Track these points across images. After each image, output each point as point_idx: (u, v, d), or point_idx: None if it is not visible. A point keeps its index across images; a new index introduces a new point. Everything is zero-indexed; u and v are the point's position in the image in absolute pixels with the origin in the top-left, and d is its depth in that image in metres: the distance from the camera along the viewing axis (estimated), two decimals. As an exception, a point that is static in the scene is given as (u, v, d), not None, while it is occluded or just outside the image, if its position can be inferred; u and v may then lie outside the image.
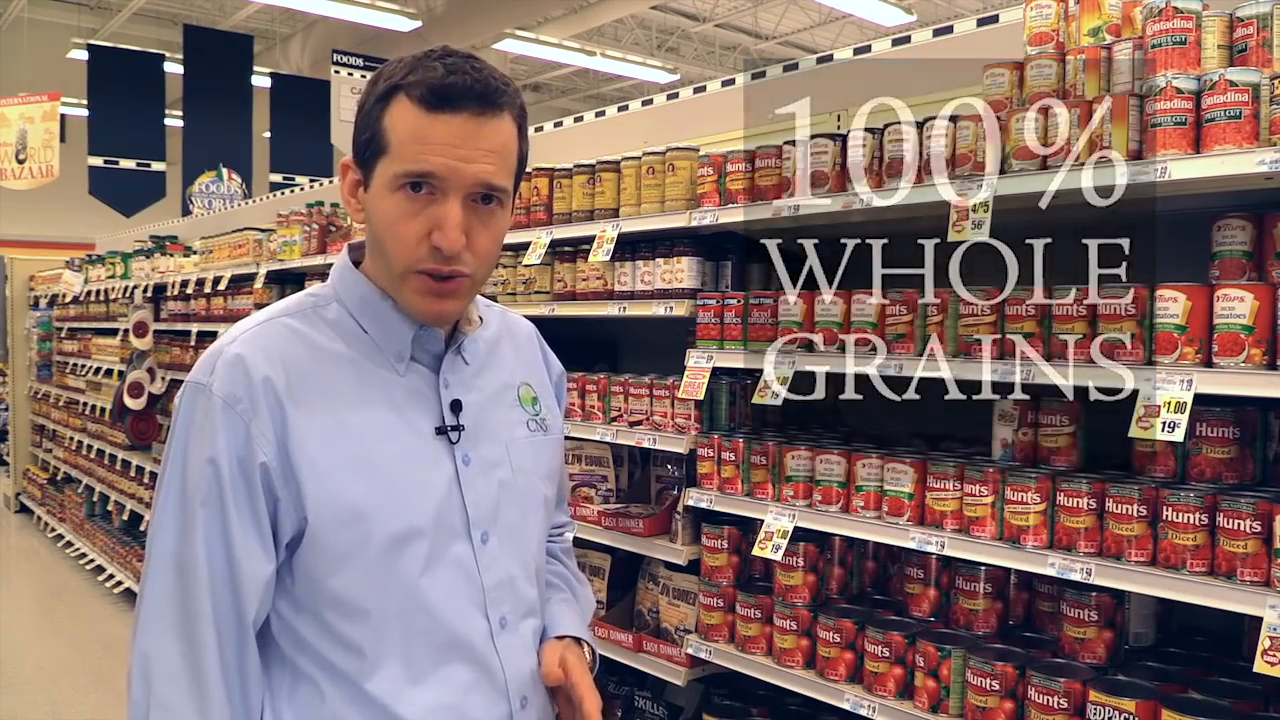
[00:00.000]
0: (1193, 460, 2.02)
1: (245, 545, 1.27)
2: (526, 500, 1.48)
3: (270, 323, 1.37)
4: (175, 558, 1.27)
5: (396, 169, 1.29)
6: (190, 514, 1.27)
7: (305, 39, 15.24)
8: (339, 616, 1.31)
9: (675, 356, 2.90)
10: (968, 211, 2.14)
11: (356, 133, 1.36)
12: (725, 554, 2.76)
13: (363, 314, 1.39)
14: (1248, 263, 1.99)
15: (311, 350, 1.34)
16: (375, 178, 1.32)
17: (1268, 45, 1.91)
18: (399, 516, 1.32)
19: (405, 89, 1.29)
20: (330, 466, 1.29)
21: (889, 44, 2.91)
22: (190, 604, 1.26)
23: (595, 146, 3.59)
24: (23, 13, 15.15)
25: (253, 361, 1.30)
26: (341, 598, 1.30)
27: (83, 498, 8.73)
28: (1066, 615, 2.17)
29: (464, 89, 1.27)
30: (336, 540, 1.29)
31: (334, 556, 1.29)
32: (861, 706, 2.34)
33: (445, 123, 1.27)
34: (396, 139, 1.29)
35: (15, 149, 11.96)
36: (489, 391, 1.47)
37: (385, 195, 1.31)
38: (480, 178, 1.29)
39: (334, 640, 1.31)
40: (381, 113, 1.31)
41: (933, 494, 2.28)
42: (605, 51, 15.93)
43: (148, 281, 7.12)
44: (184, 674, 1.26)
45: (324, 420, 1.31)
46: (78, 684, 5.57)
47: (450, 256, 1.29)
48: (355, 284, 1.40)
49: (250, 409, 1.28)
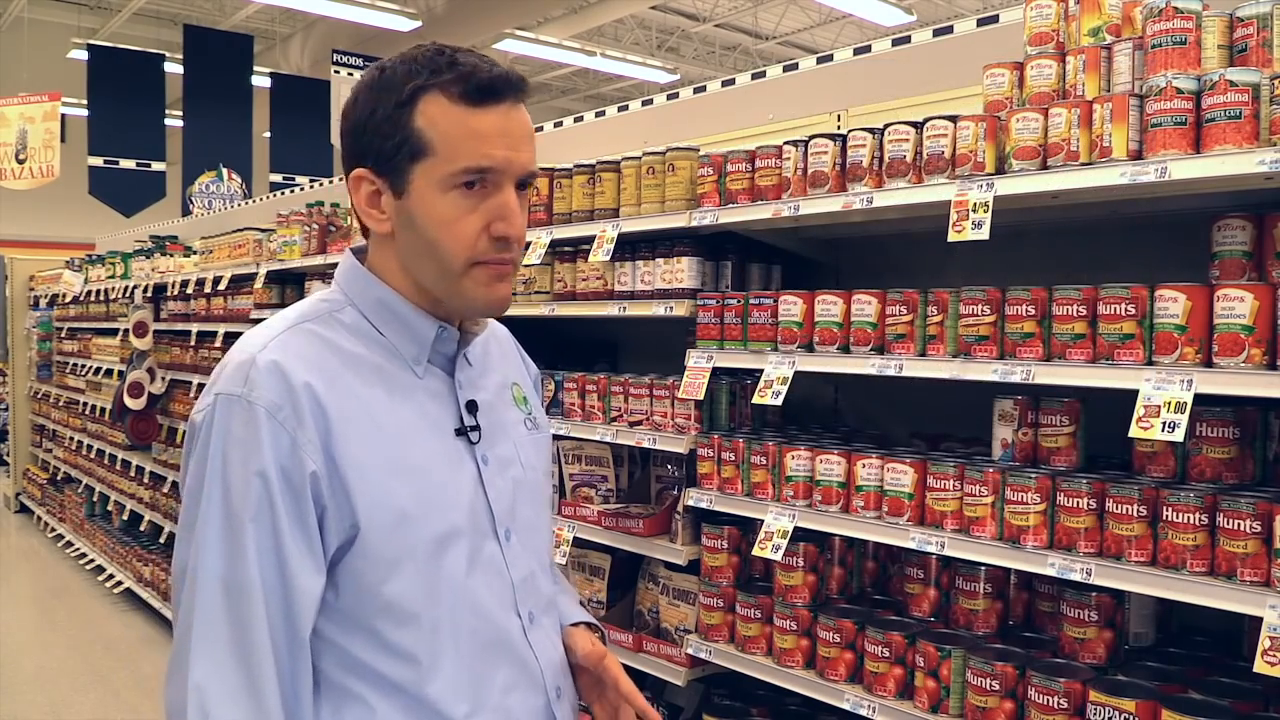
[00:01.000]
0: (1193, 460, 2.02)
1: (299, 560, 1.22)
2: (538, 497, 1.51)
3: (296, 329, 1.33)
4: (224, 580, 1.20)
5: (452, 168, 1.27)
6: (239, 532, 1.21)
7: (305, 39, 15.25)
8: (391, 625, 1.27)
9: (675, 356, 2.91)
10: (968, 211, 2.14)
11: (369, 140, 1.31)
12: (725, 554, 2.76)
13: (379, 317, 1.37)
14: (1248, 263, 1.99)
15: (339, 355, 1.32)
16: (415, 181, 1.29)
17: (1268, 45, 1.91)
18: (441, 517, 1.32)
19: (439, 88, 1.27)
20: (376, 470, 1.27)
21: (889, 44, 2.91)
22: (247, 629, 1.20)
23: (595, 146, 3.59)
24: (23, 13, 15.15)
25: (290, 368, 1.26)
26: (394, 604, 1.27)
27: (83, 498, 8.73)
28: (1066, 615, 2.17)
29: (503, 81, 1.29)
30: (388, 545, 1.27)
31: (386, 562, 1.26)
32: (861, 706, 2.34)
33: (493, 115, 1.28)
34: (443, 139, 1.27)
35: (15, 149, 11.95)
36: (492, 391, 1.49)
37: (436, 197, 1.29)
38: (528, 165, 1.33)
39: (386, 651, 1.27)
40: (409, 116, 1.28)
41: (933, 494, 2.28)
42: (605, 51, 15.94)
43: (148, 281, 7.12)
44: (246, 705, 1.19)
45: (364, 424, 1.28)
46: (78, 684, 5.57)
47: (515, 243, 1.33)
48: (370, 286, 1.38)
49: (294, 417, 1.23)
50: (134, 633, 6.53)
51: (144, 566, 6.94)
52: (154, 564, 6.79)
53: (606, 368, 3.54)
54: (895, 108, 2.66)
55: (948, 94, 2.57)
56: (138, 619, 6.80)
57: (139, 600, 7.00)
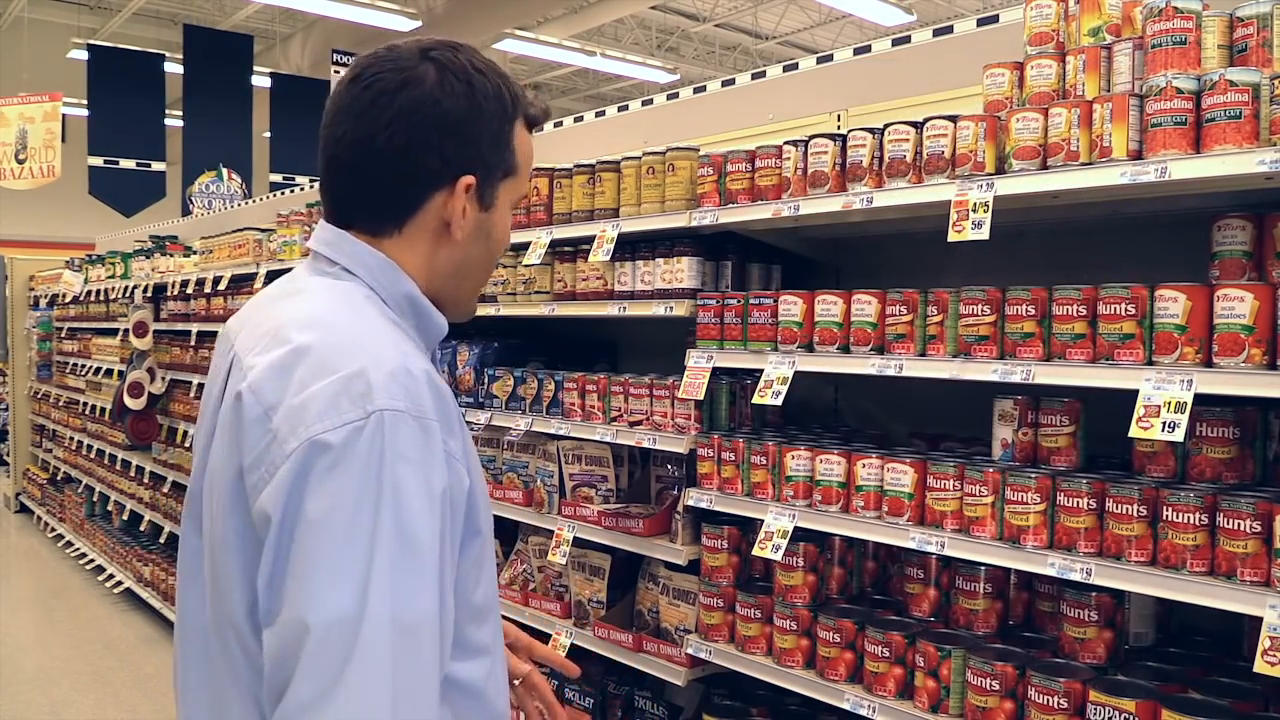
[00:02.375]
0: (1193, 460, 2.02)
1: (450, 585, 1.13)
2: None
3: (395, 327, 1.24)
4: (396, 618, 1.04)
5: (524, 189, 1.36)
6: (419, 562, 1.07)
7: (305, 39, 15.25)
8: (477, 625, 1.24)
9: (675, 356, 2.91)
10: (968, 211, 2.14)
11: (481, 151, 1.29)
12: (725, 554, 2.76)
13: (403, 310, 1.30)
14: (1248, 263, 1.99)
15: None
16: (500, 196, 1.34)
17: (1268, 45, 1.91)
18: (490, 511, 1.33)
19: (524, 111, 1.34)
20: (478, 471, 1.25)
21: (889, 44, 2.91)
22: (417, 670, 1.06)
23: (595, 146, 3.59)
24: (23, 13, 15.15)
25: (435, 377, 1.18)
26: (482, 603, 1.25)
27: (83, 498, 8.73)
28: (1066, 615, 2.17)
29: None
30: (484, 549, 1.26)
31: (479, 565, 1.24)
32: (861, 706, 2.34)
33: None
34: (523, 161, 1.34)
35: (15, 149, 11.96)
36: None
37: (507, 213, 1.36)
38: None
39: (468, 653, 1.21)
40: (511, 134, 1.32)
41: (933, 494, 2.28)
42: (605, 51, 15.93)
43: (148, 281, 7.12)
44: None
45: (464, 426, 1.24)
46: (78, 684, 5.57)
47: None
48: (403, 282, 1.30)
49: (448, 428, 1.16)
50: (134, 633, 6.53)
51: (144, 566, 6.94)
52: (154, 564, 6.79)
53: (606, 368, 3.54)
54: (895, 108, 2.66)
55: (948, 94, 2.57)
56: (138, 619, 6.80)
57: (139, 600, 7.00)
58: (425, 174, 1.27)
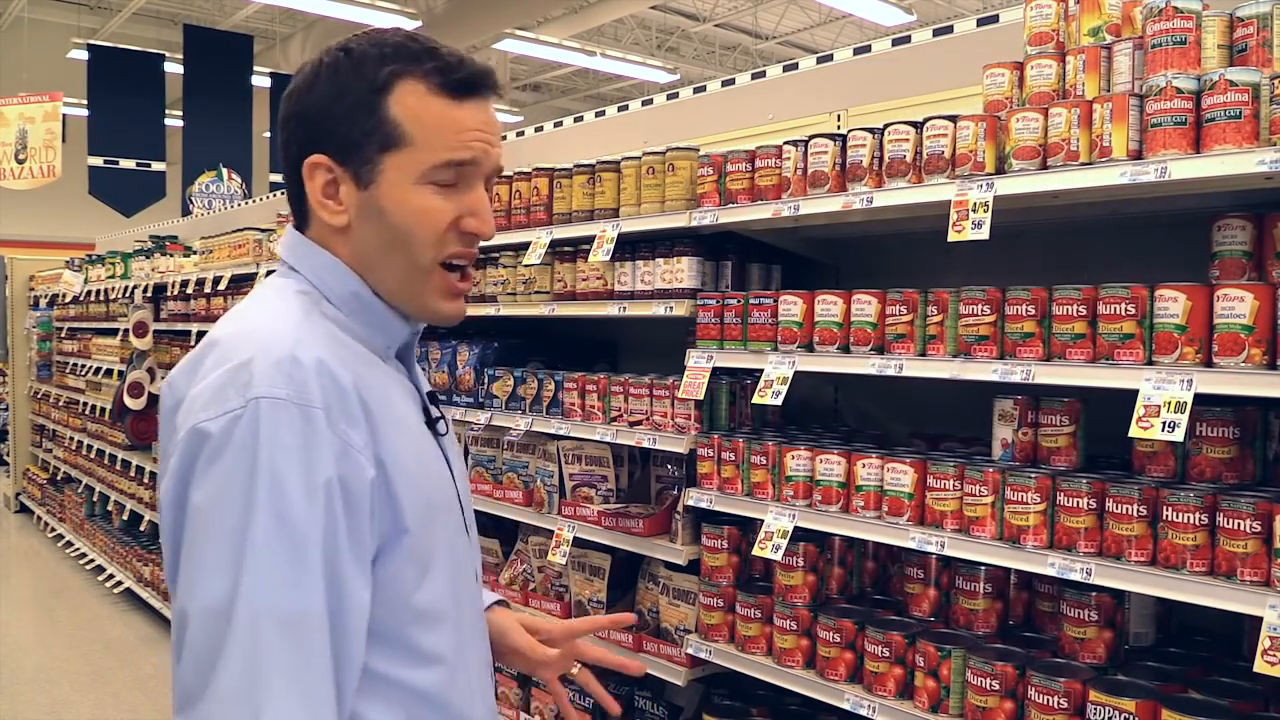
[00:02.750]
0: (1193, 460, 2.02)
1: (354, 581, 1.11)
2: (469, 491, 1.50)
3: (310, 319, 1.22)
4: (280, 609, 1.05)
5: (432, 160, 1.22)
6: (301, 553, 1.06)
7: (305, 39, 15.25)
8: (423, 629, 1.21)
9: (675, 356, 2.91)
10: (968, 211, 2.14)
11: (332, 126, 1.23)
12: (725, 554, 2.76)
13: (353, 310, 1.28)
14: (1248, 262, 1.99)
15: (350, 348, 1.23)
16: (387, 172, 1.23)
17: (1268, 45, 1.90)
18: (449, 511, 1.31)
19: (419, 76, 1.22)
20: (411, 468, 1.21)
21: (889, 44, 2.91)
22: (308, 662, 1.06)
23: (595, 146, 3.59)
24: (23, 13, 15.15)
25: (335, 366, 1.15)
26: (427, 607, 1.22)
27: (83, 498, 8.73)
28: (1066, 615, 2.17)
29: (484, 76, 1.27)
30: (424, 545, 1.21)
31: (423, 563, 1.22)
32: (861, 706, 2.34)
33: (474, 110, 1.25)
34: (422, 130, 1.22)
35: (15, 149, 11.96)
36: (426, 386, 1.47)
37: (409, 189, 1.23)
38: (499, 162, 1.31)
39: (416, 658, 1.21)
40: (383, 102, 1.22)
41: (933, 494, 2.28)
42: (605, 51, 15.93)
43: (148, 281, 7.12)
44: None
45: (394, 421, 1.21)
46: (78, 684, 5.57)
47: (485, 240, 1.30)
48: (347, 280, 1.28)
49: (346, 419, 1.13)
50: (134, 632, 6.53)
51: (144, 566, 6.94)
52: (154, 564, 6.79)
53: (606, 368, 3.54)
54: (895, 108, 2.66)
55: (948, 94, 2.57)
56: (138, 619, 6.80)
57: (139, 600, 7.00)
58: (291, 165, 1.28)
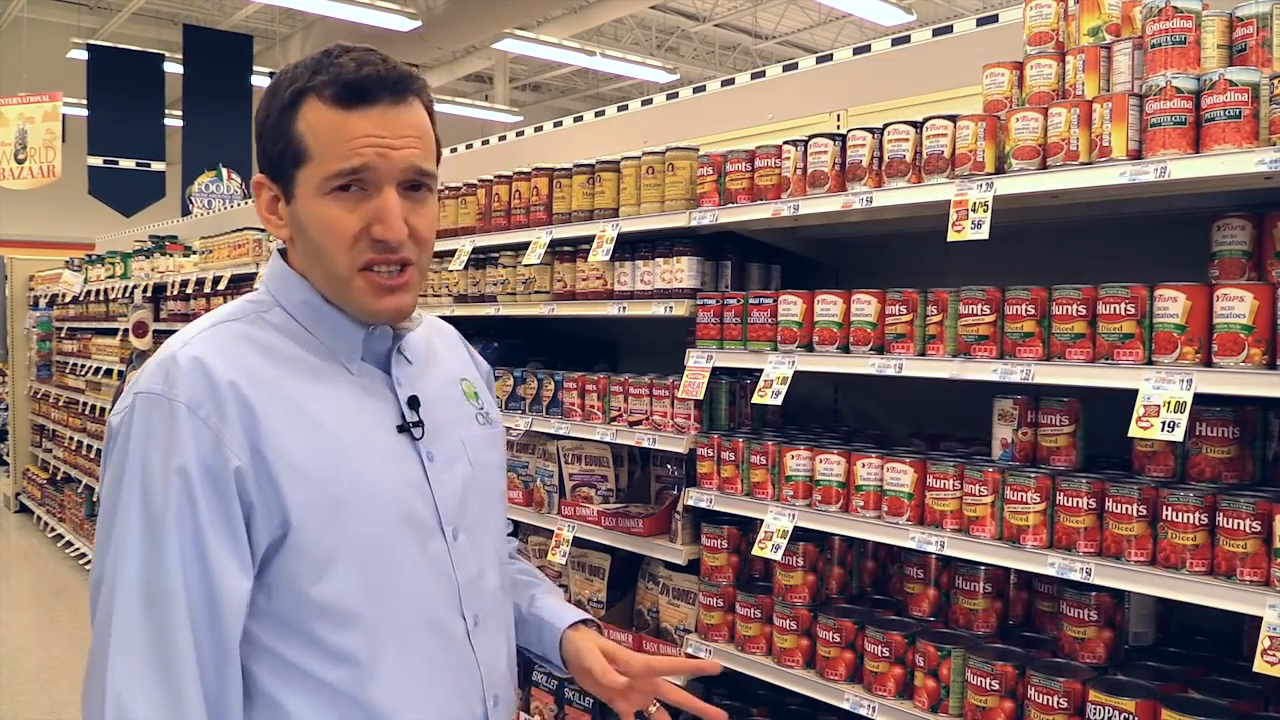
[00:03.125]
0: (1193, 460, 2.02)
1: (222, 562, 1.18)
2: (487, 494, 1.48)
3: (219, 327, 1.31)
4: (144, 584, 1.16)
5: (325, 171, 1.26)
6: (159, 532, 1.17)
7: (305, 39, 15.23)
8: (329, 626, 1.24)
9: (675, 356, 2.90)
10: (967, 211, 2.14)
11: (265, 145, 1.32)
12: (725, 554, 2.76)
13: (307, 318, 1.35)
14: (1247, 262, 1.99)
15: (265, 352, 1.29)
16: (299, 187, 1.29)
17: (1267, 45, 1.90)
18: (379, 513, 1.29)
19: (313, 91, 1.27)
20: (308, 465, 1.24)
21: (889, 44, 2.91)
22: (167, 634, 1.16)
23: (595, 146, 3.59)
24: (23, 13, 15.15)
25: (213, 364, 1.23)
26: (330, 605, 1.24)
27: (82, 498, 8.73)
28: (1066, 615, 2.17)
29: (377, 80, 1.26)
30: (321, 542, 1.23)
31: (319, 560, 1.23)
32: (861, 706, 2.34)
33: (365, 116, 1.26)
34: (318, 143, 1.27)
35: (14, 149, 11.96)
36: (436, 387, 1.46)
37: (315, 201, 1.28)
38: (410, 162, 1.29)
39: (324, 654, 1.24)
40: (291, 121, 1.28)
41: (932, 494, 2.28)
42: (605, 51, 15.92)
43: (147, 281, 7.12)
44: (166, 713, 1.15)
45: (295, 420, 1.25)
46: (78, 684, 5.53)
47: (396, 246, 1.29)
48: (295, 288, 1.36)
49: (216, 413, 1.20)
50: (134, 633, 6.53)
51: (144, 566, 6.93)
52: (154, 564, 6.78)
53: (606, 368, 3.55)
54: (895, 107, 2.66)
55: (947, 94, 2.57)
56: (138, 619, 6.79)
57: (139, 600, 7.00)
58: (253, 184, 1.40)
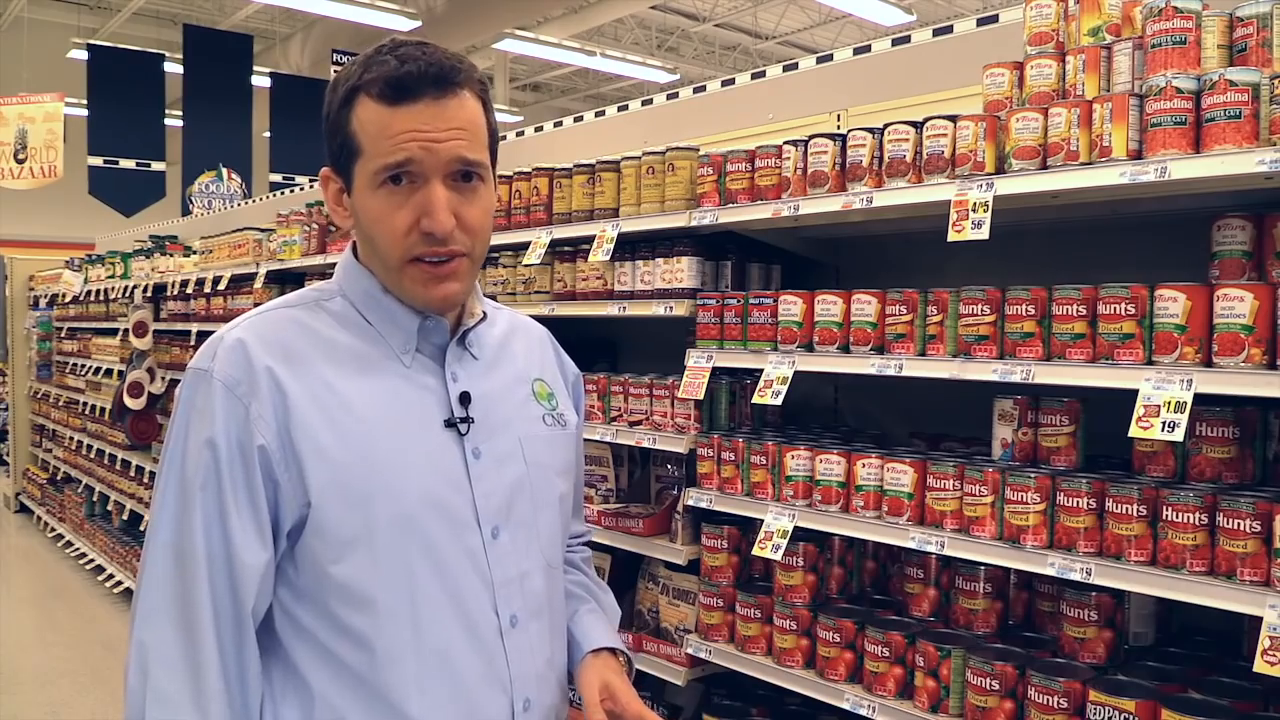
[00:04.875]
0: (1193, 460, 2.02)
1: (242, 532, 1.26)
2: (540, 496, 1.47)
3: (272, 312, 1.39)
4: (174, 545, 1.26)
5: (374, 166, 1.31)
6: (188, 499, 1.26)
7: (305, 39, 15.25)
8: (346, 607, 1.29)
9: (675, 356, 2.90)
10: (967, 211, 2.14)
11: (328, 142, 1.38)
12: (725, 554, 2.76)
13: (366, 307, 1.40)
14: (1247, 262, 1.98)
15: (314, 338, 1.36)
16: (355, 180, 1.35)
17: (1267, 45, 1.90)
18: (404, 503, 1.31)
19: (363, 89, 1.32)
20: (335, 451, 1.29)
21: (889, 44, 2.91)
22: (188, 593, 1.25)
23: (595, 146, 3.59)
24: (23, 13, 15.15)
25: (253, 346, 1.31)
26: (347, 586, 1.28)
27: (82, 498, 8.73)
28: (1066, 615, 2.17)
29: (419, 76, 1.30)
30: (341, 525, 1.28)
31: (338, 542, 1.28)
32: (861, 706, 2.34)
33: (409, 112, 1.30)
34: (367, 138, 1.32)
35: (14, 149, 11.95)
36: (500, 386, 1.47)
37: (368, 194, 1.33)
38: (456, 153, 1.31)
39: (341, 633, 1.29)
40: (348, 117, 1.33)
41: (932, 494, 2.28)
42: (605, 51, 15.93)
43: (147, 281, 7.12)
44: (181, 664, 1.24)
45: (327, 405, 1.30)
46: (78, 684, 5.57)
47: (443, 238, 1.32)
48: (359, 277, 1.42)
49: (250, 391, 1.28)
50: (134, 633, 6.53)
51: (144, 566, 6.93)
52: (154, 564, 6.78)
53: (606, 367, 3.54)
54: (895, 107, 2.66)
55: (948, 94, 2.57)
56: (138, 619, 6.79)
57: (139, 600, 7.00)
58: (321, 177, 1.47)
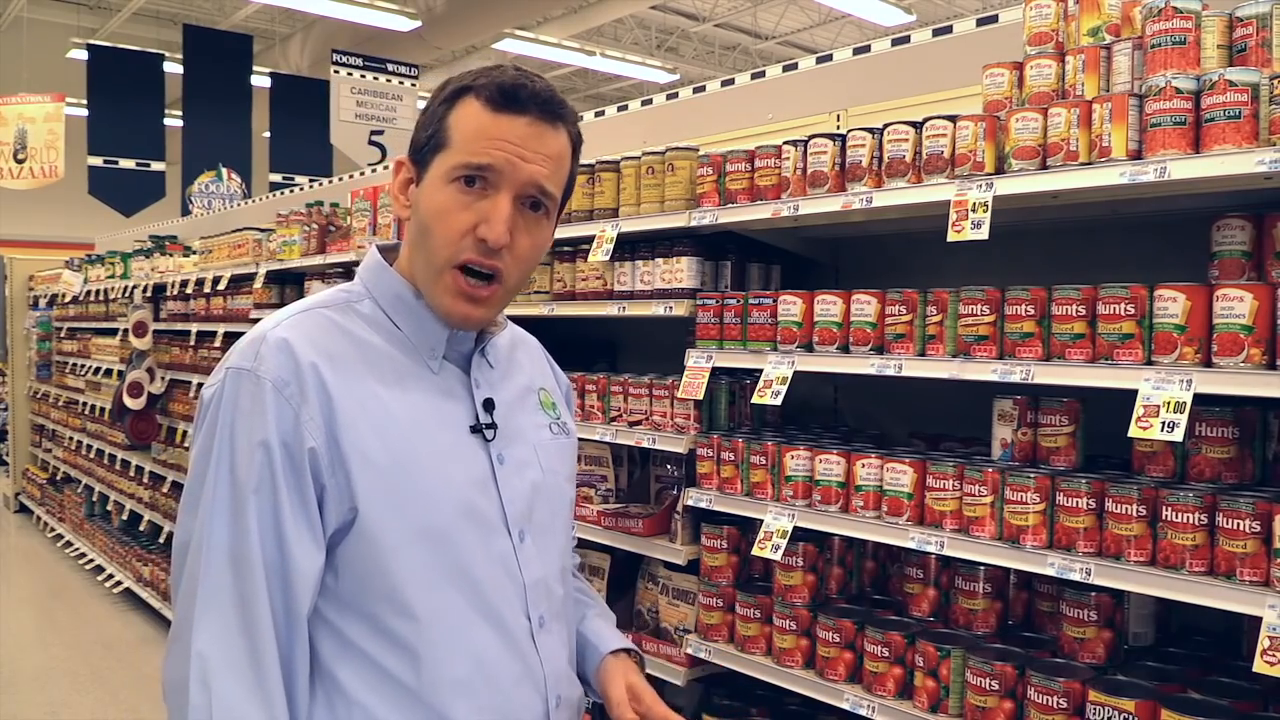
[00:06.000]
0: (1192, 460, 2.02)
1: (297, 535, 1.24)
2: (556, 501, 1.51)
3: (309, 312, 1.37)
4: (230, 550, 1.22)
5: (455, 161, 1.32)
6: (242, 502, 1.23)
7: (305, 39, 15.24)
8: (390, 613, 1.28)
9: (675, 356, 2.90)
10: (967, 211, 2.14)
11: (417, 132, 1.39)
12: (725, 554, 2.76)
13: (396, 311, 1.40)
14: (1247, 263, 1.99)
15: (352, 341, 1.35)
16: (430, 171, 1.35)
17: (1267, 45, 1.90)
18: (445, 509, 1.32)
19: (474, 90, 1.34)
20: (379, 456, 1.28)
21: (889, 44, 2.91)
22: (250, 602, 1.22)
23: (595, 146, 3.58)
24: (23, 13, 15.14)
25: (300, 347, 1.29)
26: (393, 592, 1.28)
27: (82, 498, 8.73)
28: (1066, 615, 2.17)
29: (532, 93, 1.33)
30: (386, 531, 1.27)
31: (384, 548, 1.27)
32: (861, 706, 2.34)
33: (509, 122, 1.32)
34: (460, 134, 1.33)
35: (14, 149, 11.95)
36: (513, 394, 1.50)
37: (439, 187, 1.34)
38: (534, 178, 1.33)
39: (384, 639, 1.28)
40: (447, 112, 1.35)
41: (932, 494, 2.28)
42: (605, 51, 15.93)
43: (147, 281, 7.12)
44: (249, 675, 1.21)
45: (371, 409, 1.30)
46: (78, 684, 5.57)
47: (494, 250, 1.32)
48: (390, 282, 1.41)
49: (299, 394, 1.26)
50: (134, 633, 6.53)
51: (144, 566, 6.94)
52: (154, 564, 6.78)
53: (606, 368, 3.54)
54: (895, 108, 2.66)
55: (947, 94, 2.57)
56: (137, 619, 6.80)
57: (139, 600, 7.00)
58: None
